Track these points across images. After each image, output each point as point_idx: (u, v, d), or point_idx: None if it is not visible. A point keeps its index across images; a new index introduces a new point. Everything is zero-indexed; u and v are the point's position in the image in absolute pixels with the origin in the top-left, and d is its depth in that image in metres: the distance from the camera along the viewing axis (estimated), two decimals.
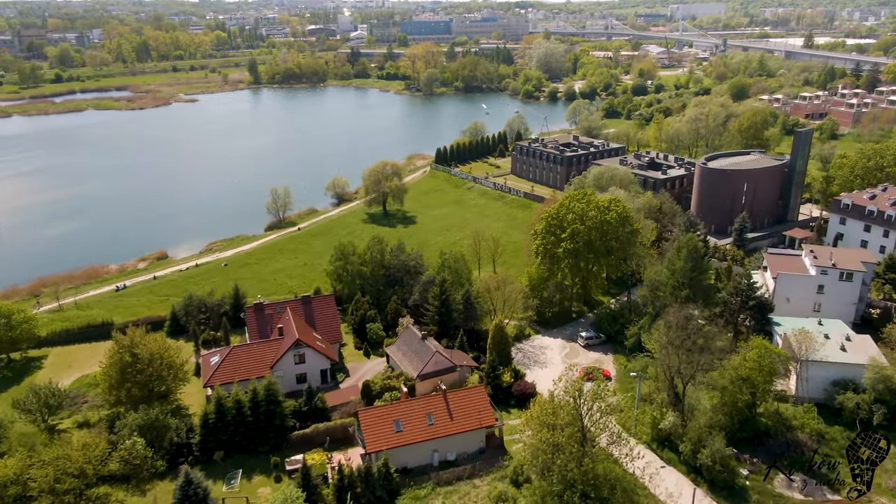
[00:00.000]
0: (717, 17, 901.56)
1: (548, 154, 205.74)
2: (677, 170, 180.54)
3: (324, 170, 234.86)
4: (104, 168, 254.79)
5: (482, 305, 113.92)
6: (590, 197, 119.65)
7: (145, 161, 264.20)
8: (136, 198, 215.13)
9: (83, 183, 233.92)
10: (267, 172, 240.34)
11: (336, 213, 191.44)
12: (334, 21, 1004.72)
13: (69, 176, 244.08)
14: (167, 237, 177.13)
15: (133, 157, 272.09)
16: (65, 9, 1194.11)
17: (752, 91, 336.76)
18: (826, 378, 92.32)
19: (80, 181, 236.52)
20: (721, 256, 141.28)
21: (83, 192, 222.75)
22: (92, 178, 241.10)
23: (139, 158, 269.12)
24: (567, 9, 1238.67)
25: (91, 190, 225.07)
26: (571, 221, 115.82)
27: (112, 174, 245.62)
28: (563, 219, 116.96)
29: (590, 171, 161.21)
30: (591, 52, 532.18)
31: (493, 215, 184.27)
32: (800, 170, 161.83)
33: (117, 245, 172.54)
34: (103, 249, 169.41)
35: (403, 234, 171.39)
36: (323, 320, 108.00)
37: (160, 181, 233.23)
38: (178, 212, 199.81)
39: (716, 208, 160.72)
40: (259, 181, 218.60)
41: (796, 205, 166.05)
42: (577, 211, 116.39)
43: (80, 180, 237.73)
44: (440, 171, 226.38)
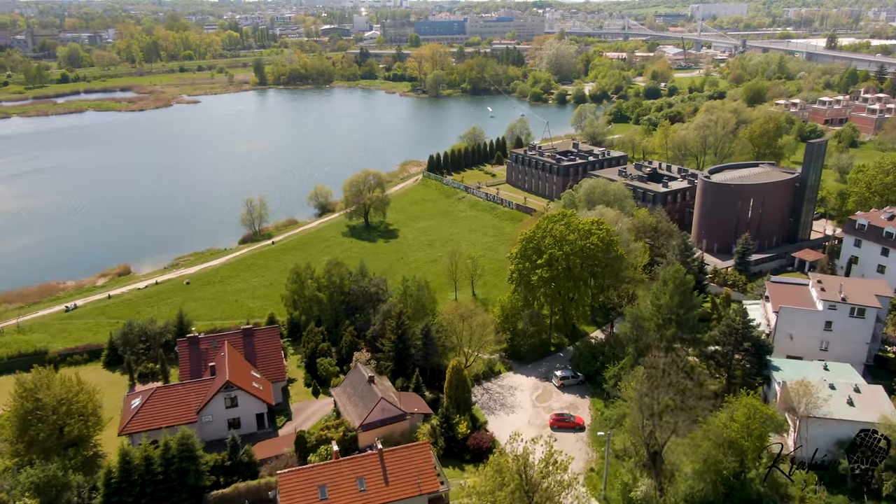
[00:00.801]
0: (738, 17, 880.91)
1: (543, 163, 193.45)
2: (680, 182, 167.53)
3: (317, 176, 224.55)
4: (85, 173, 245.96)
5: (448, 339, 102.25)
6: (570, 219, 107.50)
7: (129, 166, 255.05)
8: (111, 205, 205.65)
9: (60, 189, 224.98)
10: (255, 179, 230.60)
11: (315, 225, 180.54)
12: (349, 21, 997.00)
13: (48, 181, 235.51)
14: (135, 250, 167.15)
15: (118, 161, 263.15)
16: (85, 8, 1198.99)
17: (768, 95, 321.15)
18: (830, 437, 79.56)
19: (57, 187, 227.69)
20: (721, 281, 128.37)
21: (58, 199, 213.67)
22: (70, 183, 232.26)
23: (124, 162, 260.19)
24: (585, 9, 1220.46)
25: (65, 197, 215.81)
26: (549, 246, 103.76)
27: (91, 179, 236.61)
28: (540, 243, 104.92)
29: (581, 184, 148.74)
30: (605, 53, 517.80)
31: (481, 229, 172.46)
32: (812, 184, 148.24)
33: (82, 258, 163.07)
34: (65, 263, 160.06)
35: (383, 250, 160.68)
36: (266, 356, 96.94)
37: (140, 187, 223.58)
38: (152, 221, 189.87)
39: (719, 226, 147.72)
40: (245, 188, 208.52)
41: (808, 222, 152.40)
42: (556, 234, 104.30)
43: (57, 186, 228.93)
44: (432, 179, 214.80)
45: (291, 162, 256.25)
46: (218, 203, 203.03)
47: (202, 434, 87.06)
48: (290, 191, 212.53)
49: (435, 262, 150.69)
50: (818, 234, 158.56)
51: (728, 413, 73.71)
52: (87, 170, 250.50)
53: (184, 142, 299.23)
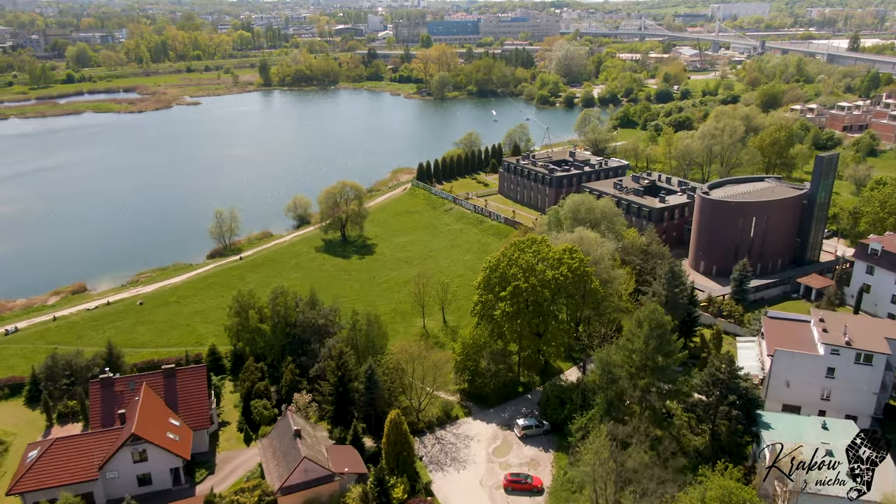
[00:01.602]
0: (759, 18, 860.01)
1: (535, 173, 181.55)
2: (679, 196, 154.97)
3: (305, 183, 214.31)
4: (62, 179, 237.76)
5: (400, 380, 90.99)
6: (539, 246, 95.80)
7: (111, 170, 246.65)
8: (82, 214, 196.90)
9: (34, 196, 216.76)
10: (239, 185, 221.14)
11: (289, 238, 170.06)
12: (364, 21, 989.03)
13: (26, 187, 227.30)
14: (96, 264, 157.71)
15: (100, 165, 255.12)
16: (104, 7, 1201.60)
17: (785, 99, 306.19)
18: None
19: (33, 193, 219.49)
20: (716, 311, 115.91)
21: (29, 206, 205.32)
22: (45, 190, 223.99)
23: (106, 167, 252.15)
24: (604, 8, 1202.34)
25: (37, 204, 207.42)
26: (514, 277, 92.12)
27: (67, 186, 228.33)
28: (505, 273, 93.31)
29: (565, 200, 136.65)
30: (618, 55, 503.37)
31: (464, 245, 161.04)
32: (821, 202, 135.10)
33: (39, 272, 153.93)
34: (20, 278, 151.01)
35: (356, 268, 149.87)
36: (189, 399, 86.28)
37: (116, 194, 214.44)
38: (122, 231, 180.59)
39: (718, 247, 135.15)
40: (227, 196, 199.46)
41: (817, 243, 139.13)
42: (522, 264, 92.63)
43: (33, 192, 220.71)
44: (421, 189, 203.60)
45: (281, 167, 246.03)
46: (196, 212, 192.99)
47: (107, 492, 76.83)
48: (274, 199, 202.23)
49: (409, 283, 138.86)
50: (829, 254, 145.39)
51: (699, 492, 61.82)
52: (66, 176, 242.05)
53: (175, 145, 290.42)
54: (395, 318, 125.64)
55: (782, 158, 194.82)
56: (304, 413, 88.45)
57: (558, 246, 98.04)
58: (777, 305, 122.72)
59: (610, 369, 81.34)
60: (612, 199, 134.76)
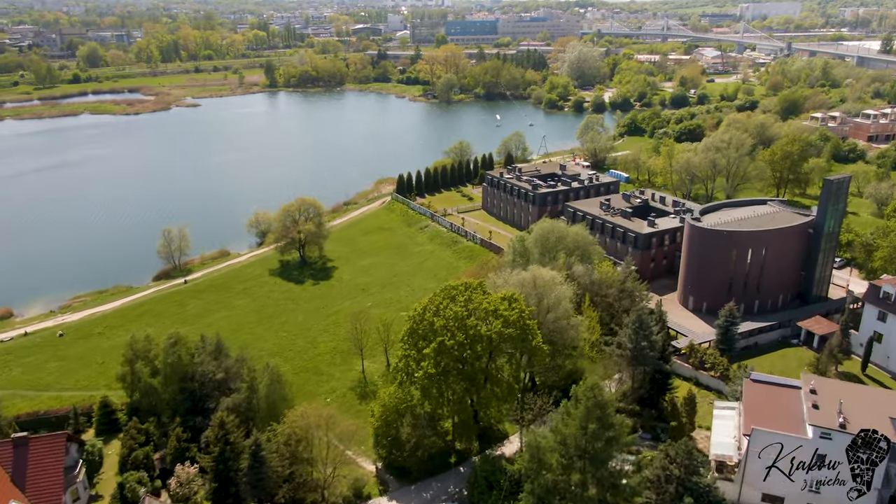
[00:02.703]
0: (788, 18, 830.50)
1: (518, 189, 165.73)
2: (671, 220, 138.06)
3: (285, 194, 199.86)
4: (32, 185, 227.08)
5: (304, 450, 76.23)
6: (473, 293, 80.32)
7: (84, 177, 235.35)
8: (35, 226, 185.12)
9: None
10: (216, 196, 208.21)
11: (245, 259, 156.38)
12: (384, 20, 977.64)
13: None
14: (31, 285, 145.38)
15: (74, 171, 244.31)
16: (130, 6, 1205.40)
17: (807, 105, 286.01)
18: None
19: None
20: (697, 362, 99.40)
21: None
22: (8, 197, 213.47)
23: (80, 173, 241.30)
24: (629, 8, 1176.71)
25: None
26: (440, 331, 76.82)
27: (37, 192, 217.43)
28: (431, 325, 78.04)
29: (532, 228, 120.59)
30: (636, 56, 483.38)
31: (431, 269, 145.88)
32: (830, 231, 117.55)
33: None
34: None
35: (307, 296, 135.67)
36: (39, 476, 72.32)
37: (83, 205, 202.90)
38: (74, 247, 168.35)
39: (709, 281, 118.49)
40: (196, 208, 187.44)
41: (825, 277, 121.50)
42: (450, 316, 77.30)
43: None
44: (399, 203, 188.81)
45: (267, 176, 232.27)
46: (162, 225, 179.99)
47: None
48: (249, 211, 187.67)
49: (361, 315, 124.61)
50: (840, 288, 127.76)
51: None
52: (30, 182, 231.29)
53: (161, 150, 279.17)
54: (334, 358, 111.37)
55: (795, 174, 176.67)
56: (188, 489, 74.33)
57: (498, 293, 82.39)
58: (772, 354, 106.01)
59: (540, 455, 65.77)
60: (585, 227, 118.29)
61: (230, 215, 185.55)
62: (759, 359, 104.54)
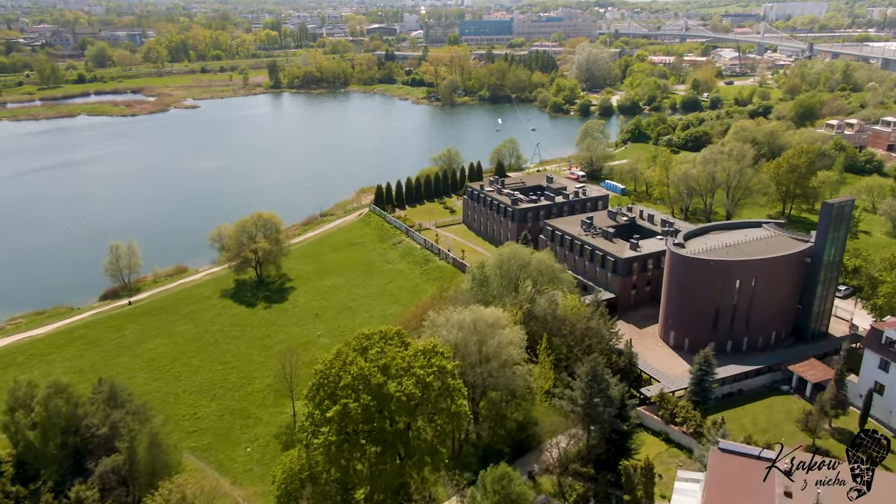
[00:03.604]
0: (813, 18, 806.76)
1: (498, 204, 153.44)
2: (657, 242, 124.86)
3: (260, 205, 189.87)
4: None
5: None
6: (387, 345, 68.52)
7: (49, 184, 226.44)
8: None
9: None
10: (185, 205, 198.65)
11: (198, 278, 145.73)
12: (400, 20, 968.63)
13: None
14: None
15: (48, 176, 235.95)
16: (150, 6, 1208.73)
17: (824, 110, 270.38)
18: None
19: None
20: (668, 415, 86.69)
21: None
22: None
23: (56, 178, 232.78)
24: (650, 8, 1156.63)
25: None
26: (344, 391, 65.17)
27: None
28: (336, 382, 66.38)
29: (494, 254, 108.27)
30: (650, 58, 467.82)
31: (396, 292, 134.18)
32: (830, 261, 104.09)
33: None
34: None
35: (255, 321, 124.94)
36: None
37: (51, 213, 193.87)
38: (17, 262, 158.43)
39: (692, 315, 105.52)
40: (166, 216, 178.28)
41: (824, 311, 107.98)
42: (355, 373, 65.54)
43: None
44: (377, 215, 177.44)
45: (244, 184, 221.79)
46: (123, 235, 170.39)
47: None
48: (217, 222, 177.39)
49: (308, 345, 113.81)
50: (844, 321, 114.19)
51: None
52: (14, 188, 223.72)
53: (148, 153, 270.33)
54: (266, 398, 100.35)
55: (802, 188, 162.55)
56: None
57: (419, 342, 70.51)
58: (758, 403, 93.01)
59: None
60: (550, 254, 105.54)
61: (198, 227, 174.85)
62: (741, 409, 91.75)
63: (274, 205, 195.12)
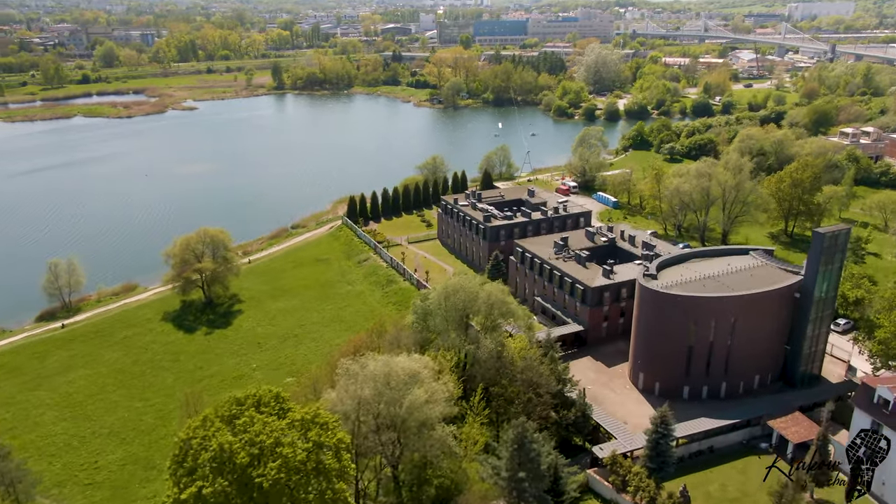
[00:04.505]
0: (839, 18, 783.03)
1: (470, 220, 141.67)
2: (635, 268, 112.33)
3: (230, 216, 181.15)
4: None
5: None
6: (257, 413, 57.23)
7: (16, 193, 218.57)
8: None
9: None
10: (152, 215, 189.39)
11: (144, 297, 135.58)
12: (417, 20, 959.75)
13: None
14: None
15: (20, 183, 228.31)
16: (170, 6, 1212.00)
17: (841, 116, 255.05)
18: None
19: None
20: (619, 482, 74.49)
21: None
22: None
23: (27, 185, 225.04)
24: (672, 8, 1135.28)
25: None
26: (203, 469, 54.15)
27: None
28: (196, 457, 55.34)
29: (440, 285, 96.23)
30: (664, 59, 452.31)
31: (350, 318, 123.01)
32: (822, 297, 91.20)
33: None
34: None
35: (191, 349, 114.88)
36: None
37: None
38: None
39: (663, 356, 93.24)
40: (136, 226, 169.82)
41: (816, 353, 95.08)
42: (214, 449, 54.42)
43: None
44: (348, 228, 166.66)
45: (219, 193, 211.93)
46: (78, 248, 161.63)
47: None
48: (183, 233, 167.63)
49: (241, 379, 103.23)
50: (841, 362, 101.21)
51: None
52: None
53: (131, 157, 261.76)
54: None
55: (805, 206, 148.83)
56: None
57: (302, 408, 59.10)
58: (730, 465, 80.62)
59: None
60: (501, 287, 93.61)
61: (163, 240, 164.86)
62: (710, 472, 79.54)
63: (248, 214, 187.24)
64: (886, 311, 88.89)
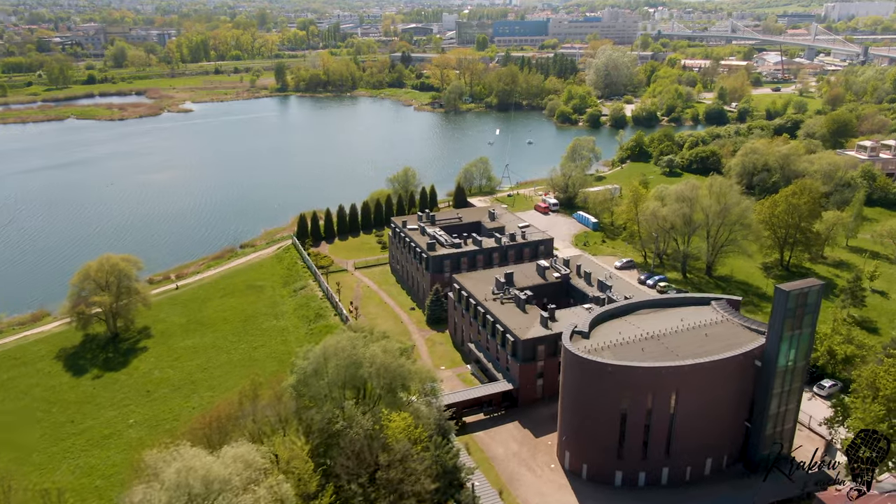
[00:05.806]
0: (877, 19, 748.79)
1: (415, 246, 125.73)
2: (584, 312, 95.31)
3: (184, 231, 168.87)
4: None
5: None
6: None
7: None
8: None
9: None
10: (88, 230, 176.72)
11: (46, 329, 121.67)
12: (439, 20, 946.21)
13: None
14: None
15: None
16: (197, 5, 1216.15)
17: (862, 127, 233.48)
18: None
19: None
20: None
21: None
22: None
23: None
24: (703, 7, 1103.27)
25: None
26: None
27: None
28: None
29: (320, 345, 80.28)
30: (683, 62, 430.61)
31: (261, 361, 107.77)
32: (789, 367, 73.66)
33: None
34: None
35: (78, 395, 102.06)
36: None
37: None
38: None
39: (592, 435, 76.49)
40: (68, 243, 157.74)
41: (782, 433, 77.43)
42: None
43: None
44: (294, 250, 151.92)
45: (185, 204, 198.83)
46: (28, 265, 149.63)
47: None
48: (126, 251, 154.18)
49: (110, 439, 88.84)
50: (819, 438, 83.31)
51: None
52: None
53: (101, 163, 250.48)
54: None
55: (802, 234, 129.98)
56: None
57: None
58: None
59: None
60: (393, 346, 77.46)
61: (93, 258, 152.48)
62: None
63: (203, 228, 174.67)
64: (866, 389, 70.53)
